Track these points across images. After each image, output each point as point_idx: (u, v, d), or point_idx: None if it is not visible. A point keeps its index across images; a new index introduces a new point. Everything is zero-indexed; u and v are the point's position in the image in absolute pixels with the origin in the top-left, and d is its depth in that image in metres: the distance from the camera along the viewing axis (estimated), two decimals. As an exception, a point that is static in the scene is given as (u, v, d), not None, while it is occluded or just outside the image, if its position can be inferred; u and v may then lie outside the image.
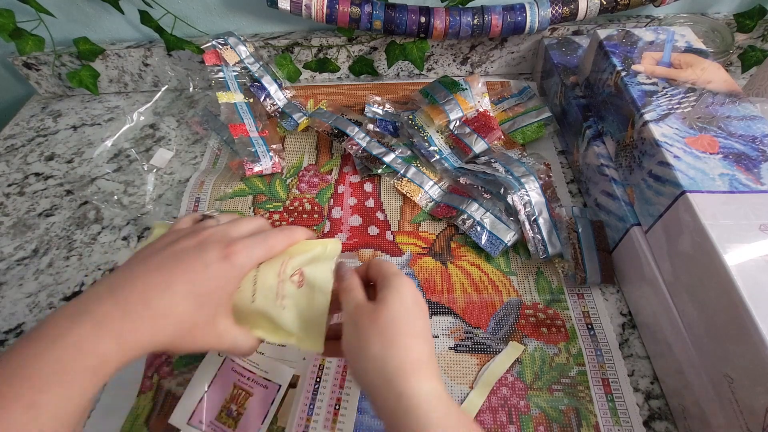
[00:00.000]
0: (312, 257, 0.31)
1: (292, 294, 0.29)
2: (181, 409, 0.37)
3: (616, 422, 0.37)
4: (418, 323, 0.29)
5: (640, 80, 0.45)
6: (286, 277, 0.29)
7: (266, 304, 0.29)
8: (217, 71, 0.61)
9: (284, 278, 0.29)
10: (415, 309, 0.29)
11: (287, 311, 0.29)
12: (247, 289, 0.29)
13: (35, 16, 0.61)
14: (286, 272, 0.29)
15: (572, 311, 0.43)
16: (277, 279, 0.29)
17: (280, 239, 0.30)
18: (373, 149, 0.55)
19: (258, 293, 0.29)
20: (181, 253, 0.27)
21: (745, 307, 0.29)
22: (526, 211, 0.47)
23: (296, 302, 0.29)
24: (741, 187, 0.35)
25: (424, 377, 0.26)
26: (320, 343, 0.30)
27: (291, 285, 0.29)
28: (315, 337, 0.30)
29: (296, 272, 0.29)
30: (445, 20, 0.57)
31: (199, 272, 0.27)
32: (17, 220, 0.55)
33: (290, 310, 0.29)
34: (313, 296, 0.30)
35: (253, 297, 0.28)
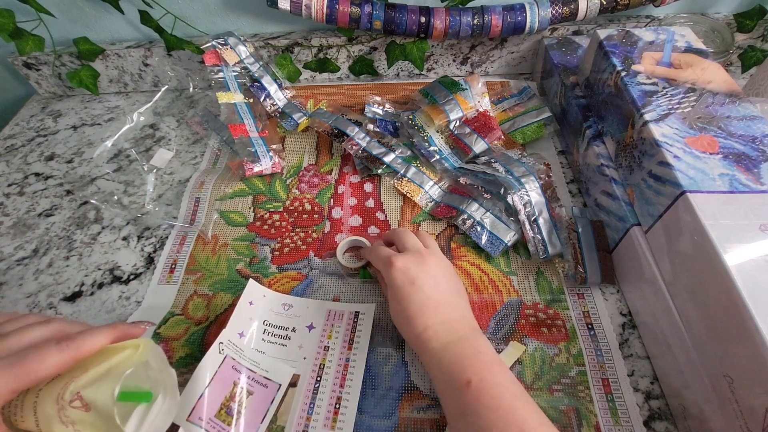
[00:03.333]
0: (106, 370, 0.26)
1: (81, 419, 0.25)
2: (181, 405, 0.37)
3: (616, 422, 0.37)
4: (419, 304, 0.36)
5: (640, 80, 0.45)
6: (65, 403, 0.25)
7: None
8: (217, 71, 0.61)
9: (63, 405, 0.25)
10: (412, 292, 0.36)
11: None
12: (30, 419, 0.25)
13: (35, 16, 0.61)
14: (64, 398, 0.25)
15: (572, 311, 0.43)
16: (56, 407, 0.25)
17: (51, 359, 0.25)
18: (373, 149, 0.55)
19: (41, 423, 0.25)
20: None
21: (745, 307, 0.29)
22: (526, 211, 0.47)
23: (93, 425, 0.26)
24: (741, 187, 0.35)
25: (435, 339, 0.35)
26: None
27: (74, 411, 0.25)
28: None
29: (75, 397, 0.25)
30: (445, 20, 0.57)
31: None
32: (17, 220, 0.55)
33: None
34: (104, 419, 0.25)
35: (38, 428, 0.25)
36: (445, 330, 0.35)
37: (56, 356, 0.25)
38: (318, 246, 0.50)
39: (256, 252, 0.50)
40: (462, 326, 0.36)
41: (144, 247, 0.51)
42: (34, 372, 0.24)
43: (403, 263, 0.37)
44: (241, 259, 0.49)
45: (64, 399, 0.25)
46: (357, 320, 0.43)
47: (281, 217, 0.53)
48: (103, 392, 0.25)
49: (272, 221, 0.53)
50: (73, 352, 0.25)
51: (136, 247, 0.52)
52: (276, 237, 0.51)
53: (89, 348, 0.26)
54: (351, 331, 0.42)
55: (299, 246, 0.50)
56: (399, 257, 0.38)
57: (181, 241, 0.51)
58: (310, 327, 0.43)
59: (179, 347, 0.43)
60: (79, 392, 0.25)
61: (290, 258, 0.49)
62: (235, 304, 0.42)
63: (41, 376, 0.25)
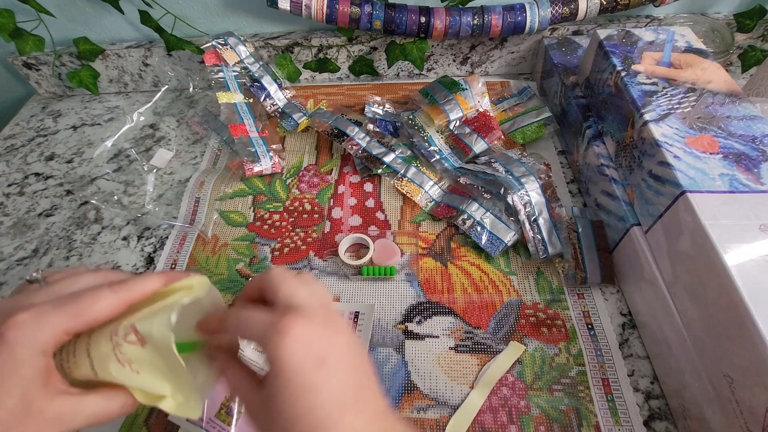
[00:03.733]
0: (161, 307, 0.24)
1: (138, 357, 0.24)
2: None
3: (616, 422, 0.37)
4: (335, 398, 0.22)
5: (640, 80, 0.45)
6: (120, 339, 0.23)
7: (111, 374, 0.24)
8: (217, 71, 0.61)
9: (118, 341, 0.23)
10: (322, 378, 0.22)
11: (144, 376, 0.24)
12: (83, 362, 0.24)
13: (35, 16, 0.61)
14: (118, 333, 0.24)
15: (572, 311, 0.43)
16: (110, 344, 0.24)
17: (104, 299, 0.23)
18: (373, 149, 0.55)
19: (97, 366, 0.24)
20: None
21: (745, 307, 0.29)
22: (526, 211, 0.47)
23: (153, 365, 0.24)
24: (741, 187, 0.35)
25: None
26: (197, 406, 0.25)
27: (130, 346, 0.24)
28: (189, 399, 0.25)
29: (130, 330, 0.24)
30: (445, 20, 0.57)
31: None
32: (17, 220, 0.55)
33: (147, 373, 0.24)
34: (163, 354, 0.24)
35: (93, 371, 0.24)
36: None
37: (109, 297, 0.24)
38: (318, 246, 0.50)
39: (256, 252, 0.50)
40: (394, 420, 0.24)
41: (144, 247, 0.51)
42: (88, 311, 0.23)
43: (303, 329, 0.22)
44: (241, 259, 0.49)
45: (118, 335, 0.24)
46: (357, 320, 0.43)
47: (281, 217, 0.53)
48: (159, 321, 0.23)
49: (272, 221, 0.53)
50: (125, 293, 0.24)
51: (136, 247, 0.52)
52: (276, 237, 0.51)
53: (141, 290, 0.25)
54: (351, 331, 0.42)
55: (299, 246, 0.50)
56: (294, 318, 0.22)
57: (181, 241, 0.51)
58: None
59: (179, 347, 0.43)
60: (134, 325, 0.24)
61: (290, 258, 0.49)
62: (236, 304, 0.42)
63: (95, 317, 0.23)
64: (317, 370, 0.22)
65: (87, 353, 0.24)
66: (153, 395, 0.25)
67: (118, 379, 0.24)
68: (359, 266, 0.47)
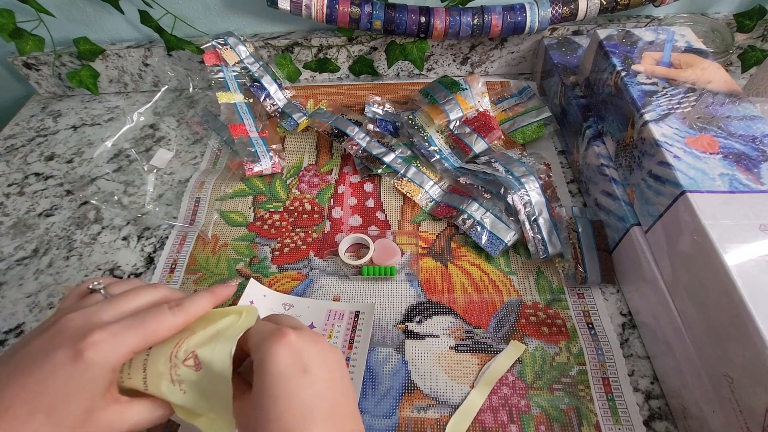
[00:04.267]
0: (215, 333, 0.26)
1: (190, 378, 0.25)
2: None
3: (616, 421, 0.37)
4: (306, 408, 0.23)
5: (640, 80, 0.45)
6: (179, 361, 0.25)
7: (161, 391, 0.25)
8: (217, 71, 0.61)
9: (176, 363, 0.25)
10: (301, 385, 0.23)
11: (189, 395, 0.26)
12: (138, 377, 0.25)
13: (35, 16, 0.61)
14: (178, 356, 0.25)
15: (572, 311, 0.43)
16: (168, 364, 0.25)
17: (167, 321, 0.25)
18: (373, 149, 0.55)
19: (149, 381, 0.25)
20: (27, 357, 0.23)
21: (745, 307, 0.29)
22: (526, 211, 0.47)
23: (198, 386, 0.26)
24: (741, 187, 0.35)
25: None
26: (230, 427, 0.26)
27: (186, 369, 0.25)
28: (224, 422, 0.26)
29: (190, 355, 0.25)
30: (445, 20, 0.58)
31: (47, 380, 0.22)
32: (17, 220, 0.55)
33: (192, 393, 0.26)
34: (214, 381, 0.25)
35: (144, 385, 0.25)
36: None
37: (170, 319, 0.25)
38: (318, 246, 0.50)
39: (257, 252, 0.50)
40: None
41: (144, 247, 0.51)
42: (154, 333, 0.25)
43: (295, 339, 0.25)
44: (242, 259, 0.49)
45: (177, 357, 0.25)
46: (357, 320, 0.43)
47: (281, 217, 0.53)
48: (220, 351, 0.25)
49: (272, 221, 0.53)
50: (184, 315, 0.26)
51: (136, 247, 0.52)
52: (276, 237, 0.51)
53: (196, 311, 0.27)
54: (351, 331, 0.42)
55: (299, 246, 0.50)
56: (288, 330, 0.26)
57: (182, 241, 0.51)
58: (311, 326, 0.43)
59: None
60: (194, 351, 0.25)
61: (290, 258, 0.49)
62: (236, 304, 0.42)
63: (160, 337, 0.25)
64: (298, 378, 0.24)
65: (143, 368, 0.25)
66: (190, 413, 0.26)
67: (167, 396, 0.25)
68: (359, 266, 0.47)
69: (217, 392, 0.26)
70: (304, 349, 0.25)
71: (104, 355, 0.23)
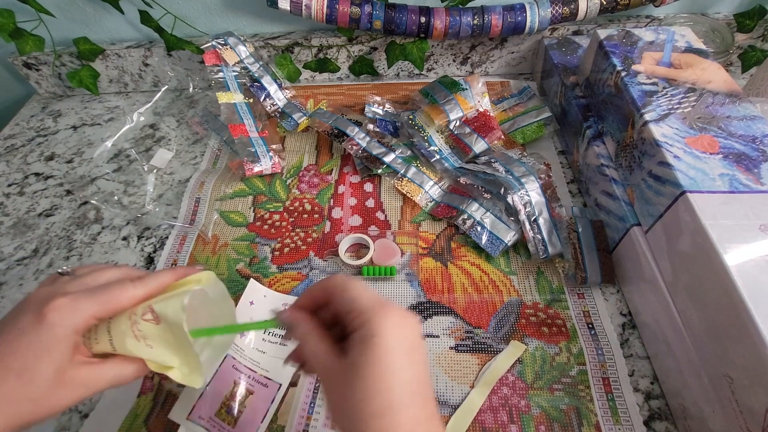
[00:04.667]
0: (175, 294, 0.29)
1: (152, 333, 0.28)
2: (181, 404, 0.37)
3: (616, 421, 0.37)
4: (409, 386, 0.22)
5: (640, 80, 0.45)
6: (138, 317, 0.27)
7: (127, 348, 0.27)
8: (217, 71, 0.61)
9: (136, 320, 0.27)
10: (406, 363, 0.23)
11: (156, 350, 0.28)
12: (104, 340, 0.27)
13: (35, 16, 0.61)
14: (136, 313, 0.28)
15: (572, 311, 0.43)
16: (129, 322, 0.27)
17: (128, 291, 0.27)
18: (373, 149, 0.55)
19: (115, 341, 0.27)
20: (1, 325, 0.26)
21: (745, 307, 0.29)
22: (526, 211, 0.47)
23: (163, 340, 0.28)
24: (741, 187, 0.35)
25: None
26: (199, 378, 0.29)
27: (146, 324, 0.27)
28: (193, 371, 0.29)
29: (147, 310, 0.28)
30: (445, 20, 0.58)
31: (12, 343, 0.25)
32: (17, 220, 0.55)
33: (159, 347, 0.28)
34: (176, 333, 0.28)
35: (112, 346, 0.27)
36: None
37: (132, 290, 0.28)
38: (318, 246, 0.50)
39: (257, 252, 0.50)
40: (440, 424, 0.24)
41: (144, 247, 0.51)
42: (115, 300, 0.27)
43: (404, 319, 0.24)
44: (242, 259, 0.49)
45: (136, 314, 0.27)
46: (357, 320, 0.43)
47: (281, 217, 0.53)
48: (173, 303, 0.27)
49: (272, 221, 0.53)
50: (144, 287, 0.28)
51: (136, 247, 0.52)
52: (276, 237, 0.51)
53: (157, 284, 0.29)
54: (351, 331, 0.42)
55: (299, 246, 0.50)
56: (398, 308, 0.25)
57: (181, 241, 0.51)
58: (311, 327, 0.43)
59: (179, 347, 0.43)
60: (151, 305, 0.28)
61: (290, 258, 0.49)
62: (236, 304, 0.42)
63: (120, 306, 0.27)
64: (406, 356, 0.23)
65: (107, 331, 0.27)
66: (163, 366, 0.28)
67: (134, 352, 0.27)
68: (359, 266, 0.47)
69: (181, 344, 0.28)
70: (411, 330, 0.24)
71: (65, 317, 0.25)
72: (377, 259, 0.47)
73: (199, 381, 0.29)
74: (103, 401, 0.40)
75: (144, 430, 0.38)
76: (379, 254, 0.48)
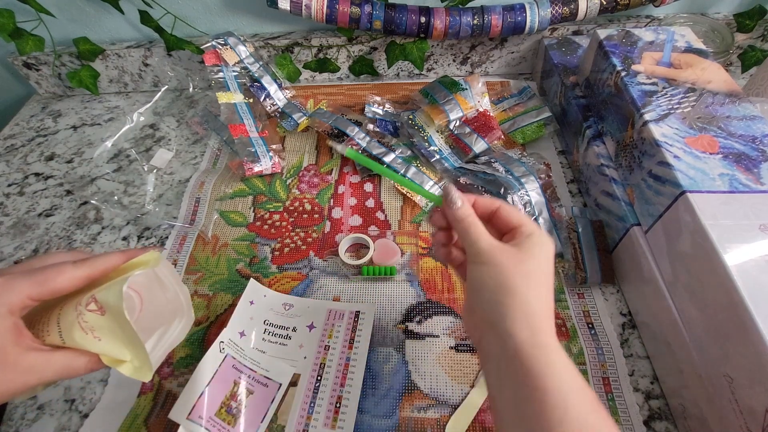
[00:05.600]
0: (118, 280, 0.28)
1: (99, 324, 0.27)
2: (181, 404, 0.37)
3: (616, 421, 0.37)
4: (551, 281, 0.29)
5: (640, 80, 0.45)
6: (83, 308, 0.27)
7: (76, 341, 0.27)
8: (217, 71, 0.61)
9: (81, 310, 0.27)
10: (551, 269, 0.29)
11: (105, 342, 0.27)
12: (54, 331, 0.27)
13: (35, 16, 0.61)
14: (81, 303, 0.27)
15: (572, 311, 0.43)
16: (75, 313, 0.27)
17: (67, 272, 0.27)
18: (373, 149, 0.55)
19: (64, 333, 0.27)
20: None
21: (745, 307, 0.29)
22: (526, 211, 0.47)
23: (110, 331, 0.27)
24: (741, 187, 0.35)
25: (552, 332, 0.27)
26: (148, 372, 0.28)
27: (91, 315, 0.27)
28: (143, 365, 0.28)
29: (91, 300, 0.27)
30: (445, 20, 0.58)
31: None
32: (17, 220, 0.55)
33: (108, 340, 0.27)
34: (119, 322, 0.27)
35: (61, 338, 0.27)
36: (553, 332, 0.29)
37: (71, 271, 0.27)
38: (318, 246, 0.50)
39: (256, 252, 0.50)
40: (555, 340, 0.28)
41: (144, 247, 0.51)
42: (51, 281, 0.26)
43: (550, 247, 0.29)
44: (241, 259, 0.49)
45: (81, 304, 0.27)
46: (357, 320, 0.43)
47: (281, 217, 0.53)
48: (114, 291, 0.27)
49: (272, 221, 0.53)
50: (87, 269, 0.28)
51: (136, 247, 0.52)
52: (276, 237, 0.51)
53: (101, 266, 0.28)
54: (351, 331, 0.42)
55: (299, 246, 0.50)
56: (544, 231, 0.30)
57: (181, 241, 0.51)
58: (311, 326, 0.43)
59: (179, 348, 0.43)
60: (94, 295, 0.27)
61: (290, 258, 0.49)
62: (236, 304, 0.43)
63: (57, 287, 0.27)
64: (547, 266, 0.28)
65: (57, 322, 0.27)
66: (114, 359, 0.28)
67: (82, 344, 0.27)
68: (359, 266, 0.47)
69: (128, 336, 0.27)
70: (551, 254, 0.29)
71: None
72: (377, 259, 0.47)
73: (148, 374, 0.28)
74: (103, 401, 0.40)
75: (144, 430, 0.38)
76: (379, 254, 0.48)
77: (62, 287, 0.27)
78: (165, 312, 0.31)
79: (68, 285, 0.27)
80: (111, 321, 0.27)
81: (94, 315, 0.27)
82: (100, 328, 0.27)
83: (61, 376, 0.27)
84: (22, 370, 0.26)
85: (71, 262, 0.28)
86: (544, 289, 0.28)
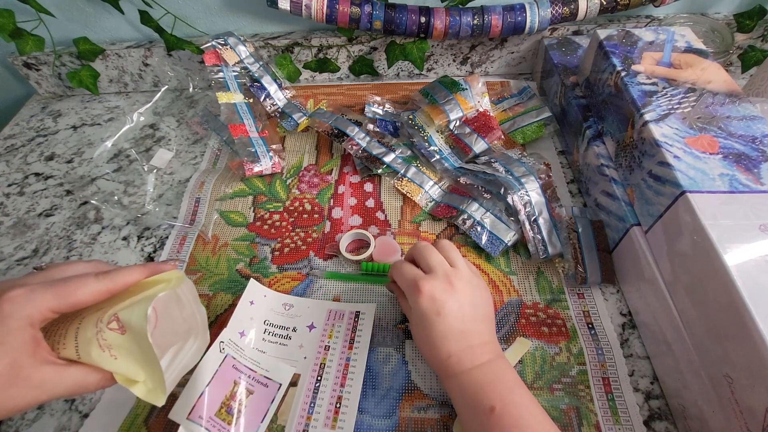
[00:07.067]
0: (140, 298, 0.27)
1: (117, 343, 0.27)
2: (181, 403, 0.37)
3: (616, 421, 0.37)
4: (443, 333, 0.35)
5: (640, 80, 0.45)
6: (104, 325, 0.26)
7: (92, 358, 0.26)
8: (217, 71, 0.61)
9: (102, 328, 0.26)
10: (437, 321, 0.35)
11: (121, 361, 0.27)
12: (71, 346, 0.26)
13: (35, 16, 0.61)
14: (102, 320, 0.26)
15: (572, 311, 0.43)
16: (95, 329, 0.26)
17: (89, 285, 0.27)
18: (373, 149, 0.55)
19: (80, 349, 0.26)
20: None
21: (745, 307, 0.29)
22: (526, 211, 0.47)
23: (128, 351, 0.27)
24: (741, 187, 0.35)
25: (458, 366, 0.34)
26: (161, 395, 0.28)
27: (111, 333, 0.26)
28: (157, 387, 0.27)
29: (113, 318, 0.27)
30: (445, 20, 0.58)
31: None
32: (17, 220, 0.55)
33: (124, 359, 0.27)
34: (141, 343, 0.27)
35: (77, 354, 0.26)
36: (468, 357, 0.34)
37: (93, 284, 0.27)
38: (318, 246, 0.50)
39: (257, 252, 0.50)
40: (484, 352, 0.35)
41: (144, 247, 0.51)
42: (72, 294, 0.26)
43: (430, 290, 0.35)
44: (242, 259, 0.49)
45: (102, 322, 0.26)
46: (357, 320, 0.43)
47: (281, 217, 0.53)
48: (138, 312, 0.26)
49: (272, 221, 0.53)
50: (109, 282, 0.27)
51: (136, 247, 0.52)
52: (276, 237, 0.51)
53: (124, 280, 0.28)
54: (351, 331, 0.42)
55: (299, 246, 0.50)
56: (426, 282, 0.35)
57: (181, 241, 0.51)
58: (311, 327, 0.43)
59: (179, 347, 0.43)
60: (116, 314, 0.26)
61: (290, 258, 0.49)
62: (236, 304, 0.43)
63: (78, 300, 0.26)
64: (435, 317, 0.35)
65: (75, 337, 0.26)
66: (129, 379, 0.27)
67: (98, 362, 0.26)
68: (359, 261, 0.47)
69: (146, 356, 0.27)
70: (437, 297, 0.35)
71: (19, 308, 0.25)
72: (377, 256, 0.47)
73: (161, 398, 0.27)
74: (104, 401, 0.40)
75: (144, 430, 0.38)
76: (380, 251, 0.48)
77: (84, 301, 0.27)
78: (180, 331, 0.31)
79: (90, 299, 0.27)
80: (131, 341, 0.27)
81: (114, 333, 0.26)
82: (118, 346, 0.27)
83: (71, 392, 0.26)
84: (34, 385, 0.25)
85: (93, 275, 0.27)
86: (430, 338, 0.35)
